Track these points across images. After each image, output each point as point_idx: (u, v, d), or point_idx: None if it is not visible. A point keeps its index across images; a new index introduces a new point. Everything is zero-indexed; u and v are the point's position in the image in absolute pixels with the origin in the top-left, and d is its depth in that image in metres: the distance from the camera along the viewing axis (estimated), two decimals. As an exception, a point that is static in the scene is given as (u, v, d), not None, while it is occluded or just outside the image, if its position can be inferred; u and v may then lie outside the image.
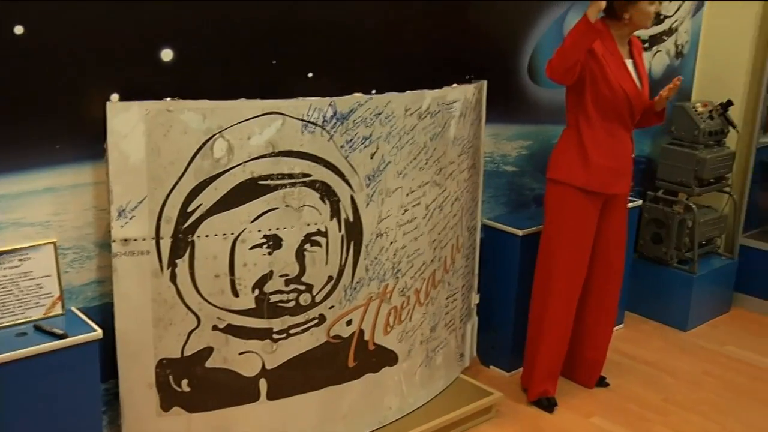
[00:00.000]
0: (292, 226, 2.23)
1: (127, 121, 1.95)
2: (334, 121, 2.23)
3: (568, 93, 2.77)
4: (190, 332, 2.17)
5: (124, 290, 2.04)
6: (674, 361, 3.41)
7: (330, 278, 2.35)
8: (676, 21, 3.81)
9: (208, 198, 2.09)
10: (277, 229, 2.20)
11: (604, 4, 2.47)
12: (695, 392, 3.15)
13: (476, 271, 3.03)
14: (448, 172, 2.64)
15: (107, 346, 2.02)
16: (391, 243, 2.47)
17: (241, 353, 2.25)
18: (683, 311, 3.73)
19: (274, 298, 2.25)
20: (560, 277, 2.82)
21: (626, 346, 3.52)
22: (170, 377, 2.16)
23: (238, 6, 2.18)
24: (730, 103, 3.69)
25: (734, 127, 3.73)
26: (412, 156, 2.45)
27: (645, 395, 3.10)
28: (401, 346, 2.61)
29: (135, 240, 2.02)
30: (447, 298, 2.80)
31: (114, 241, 2.00)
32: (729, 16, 3.91)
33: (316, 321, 2.35)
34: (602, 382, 3.14)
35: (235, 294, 2.19)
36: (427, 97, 2.47)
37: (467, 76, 2.80)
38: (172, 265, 2.09)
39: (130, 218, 2.00)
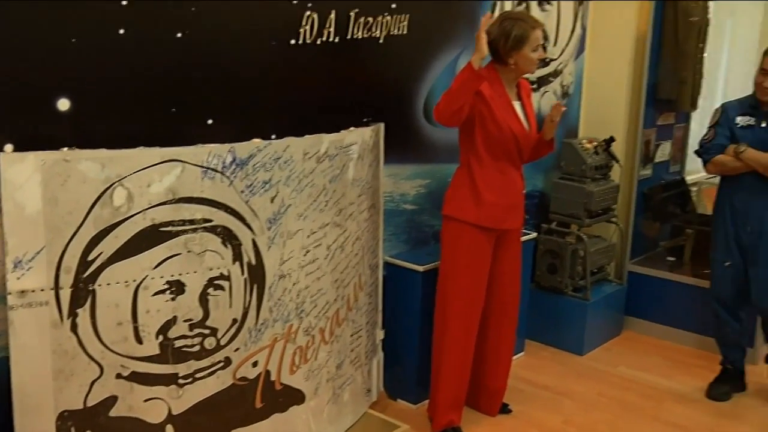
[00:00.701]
0: (195, 271, 2.25)
1: (22, 171, 1.93)
2: (234, 166, 2.29)
3: (461, 133, 2.90)
4: (93, 382, 2.14)
5: (21, 343, 2.00)
6: (572, 385, 3.58)
7: (234, 321, 2.38)
8: (561, 64, 4.09)
9: (108, 246, 2.09)
10: (180, 274, 2.22)
11: (486, 53, 2.62)
12: (592, 413, 3.32)
13: (380, 308, 3.10)
14: (348, 213, 2.73)
15: (2, 402, 1.97)
16: (294, 284, 2.53)
17: (146, 400, 2.23)
18: (579, 337, 3.91)
19: (178, 343, 2.26)
20: (456, 310, 2.93)
21: (527, 373, 3.67)
22: (72, 429, 2.13)
23: (137, 54, 2.22)
24: (612, 139, 3.94)
25: (617, 161, 3.99)
26: (312, 198, 2.54)
27: (546, 419, 3.24)
28: (308, 385, 2.65)
29: (33, 291, 2.00)
30: (352, 336, 2.88)
31: (10, 293, 1.97)
32: (606, 60, 4.24)
33: (221, 364, 2.37)
34: (505, 409, 3.26)
35: (139, 341, 2.18)
36: (325, 140, 2.56)
37: (364, 120, 2.91)
38: (73, 315, 2.07)
39: (27, 269, 1.98)
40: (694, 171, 5.16)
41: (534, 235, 3.78)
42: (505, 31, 2.75)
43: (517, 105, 2.93)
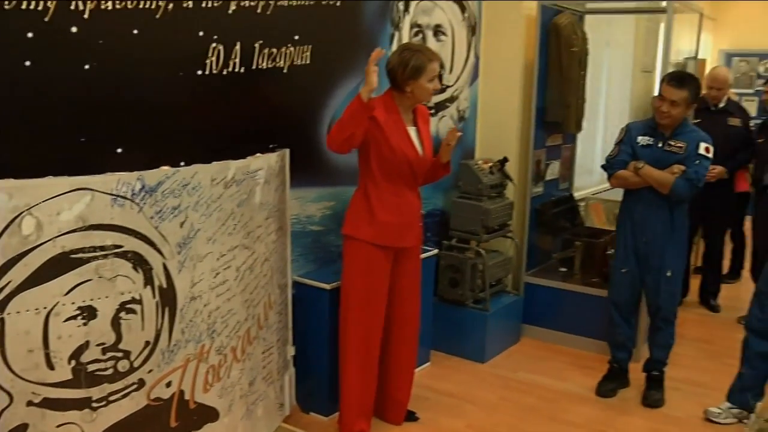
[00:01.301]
0: (107, 296, 2.30)
1: (-75, 203, 1.96)
2: (143, 193, 2.36)
3: (359, 157, 3.04)
4: (2, 411, 2.13)
5: (-71, 374, 2.01)
6: (475, 391, 3.77)
7: (147, 343, 2.43)
8: (456, 90, 4.34)
9: (17, 275, 2.11)
10: (91, 300, 2.26)
11: (375, 86, 2.75)
12: (494, 416, 3.51)
13: (290, 325, 3.20)
14: (256, 236, 2.84)
15: None
16: (205, 305, 2.61)
17: (59, 425, 2.24)
18: (480, 345, 4.11)
19: (91, 368, 2.29)
20: (357, 325, 3.05)
21: (433, 381, 3.85)
22: (-18, 458, 2.13)
23: (45, 86, 2.25)
24: (506, 159, 4.19)
25: (511, 180, 4.25)
26: (220, 222, 2.64)
27: (450, 424, 3.41)
28: (222, 402, 2.73)
29: (-60, 322, 2.01)
30: (263, 353, 2.98)
31: None
32: (498, 86, 4.51)
33: (135, 386, 2.42)
34: (412, 417, 3.42)
35: (51, 367, 2.20)
36: (232, 167, 2.67)
37: (270, 146, 3.00)
38: (-19, 344, 2.08)
39: (-68, 301, 1.99)
40: (582, 187, 5.57)
41: (435, 251, 3.96)
42: (403, 60, 2.91)
43: (412, 130, 3.05)
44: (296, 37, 3.12)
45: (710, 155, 3.48)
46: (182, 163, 2.56)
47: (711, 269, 5.28)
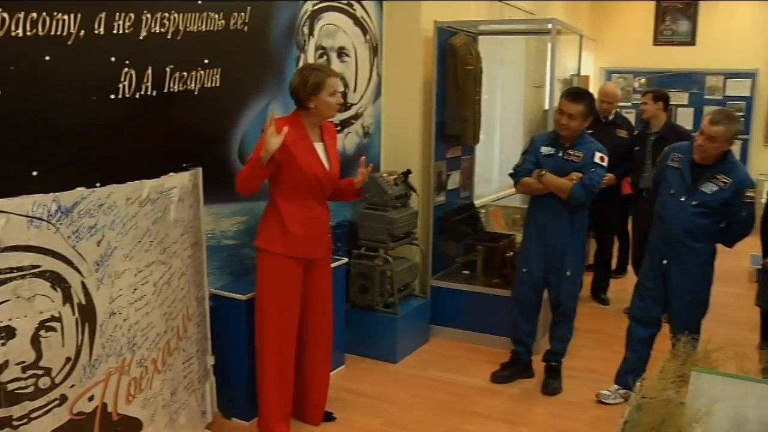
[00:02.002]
0: (25, 316, 2.35)
1: None
2: (59, 214, 2.43)
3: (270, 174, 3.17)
4: None
5: None
6: (389, 390, 3.95)
7: (68, 359, 2.49)
8: (361, 107, 4.54)
9: (-67, 297, 2.16)
10: (10, 320, 2.30)
11: (273, 149, 2.86)
12: (407, 413, 3.70)
13: (209, 336, 3.29)
14: (172, 251, 2.95)
15: None
16: (125, 320, 2.71)
17: (-20, 445, 2.30)
18: (392, 347, 4.30)
19: (11, 386, 2.32)
20: (271, 333, 3.18)
21: (348, 383, 4.01)
22: None
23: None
24: (409, 171, 4.38)
25: (414, 191, 4.46)
26: (136, 240, 2.74)
27: (367, 422, 3.58)
28: (144, 413, 2.82)
29: None
30: (183, 363, 3.08)
31: None
32: (400, 103, 4.74)
33: (57, 401, 2.47)
34: (330, 417, 3.57)
35: (-30, 387, 2.24)
36: (147, 186, 2.77)
37: (183, 165, 3.09)
38: None
39: None
40: (482, 195, 5.89)
41: (345, 260, 4.13)
42: (303, 78, 3.09)
43: (319, 146, 3.21)
44: (206, 61, 3.23)
45: (605, 164, 3.81)
46: (98, 184, 2.63)
47: (601, 266, 5.72)
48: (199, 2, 3.15)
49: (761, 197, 6.30)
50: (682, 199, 3.52)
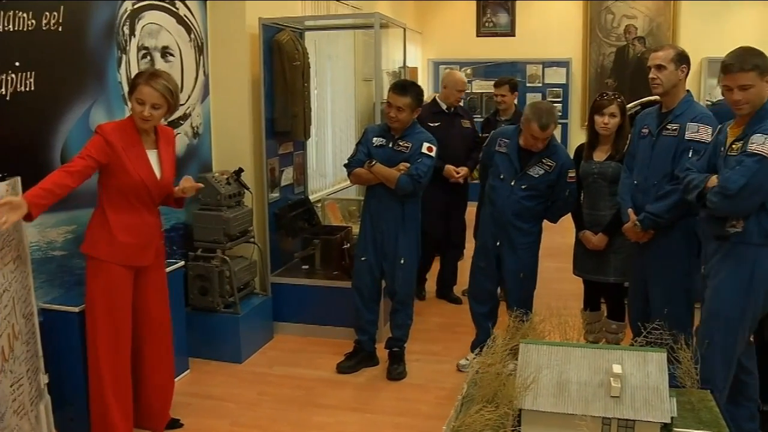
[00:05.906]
0: None
1: None
2: None
3: (98, 179, 3.09)
4: None
5: None
6: (235, 390, 3.95)
7: None
8: (189, 108, 4.47)
9: None
10: None
11: (9, 224, 2.66)
12: (254, 411, 3.72)
13: (40, 353, 3.11)
14: (-7, 267, 2.78)
15: None
16: (-56, 344, 2.52)
17: None
18: (236, 347, 4.30)
19: None
20: (103, 341, 3.10)
21: (194, 387, 3.97)
22: None
23: None
24: (241, 170, 4.43)
25: (248, 189, 4.48)
26: (-47, 258, 2.56)
27: (215, 425, 3.56)
28: (-29, 443, 2.64)
29: None
30: (12, 386, 2.89)
31: None
32: (229, 101, 4.71)
33: None
34: (176, 424, 3.52)
35: None
36: (-40, 200, 2.59)
37: (0, 175, 2.90)
38: None
39: None
40: (318, 189, 6.02)
41: (182, 263, 4.07)
42: (130, 84, 3.06)
43: (152, 153, 3.15)
44: (17, 64, 3.07)
45: (432, 154, 3.98)
46: None
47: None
48: (4, 0, 2.96)
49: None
50: (512, 183, 3.82)
